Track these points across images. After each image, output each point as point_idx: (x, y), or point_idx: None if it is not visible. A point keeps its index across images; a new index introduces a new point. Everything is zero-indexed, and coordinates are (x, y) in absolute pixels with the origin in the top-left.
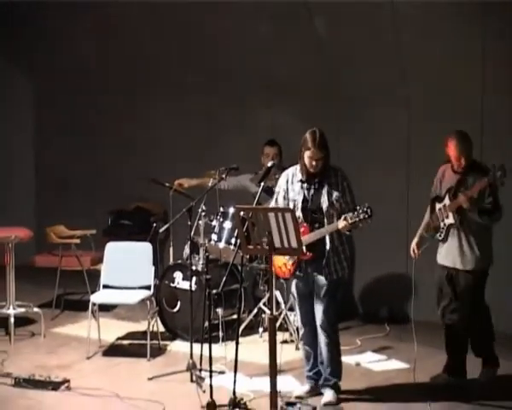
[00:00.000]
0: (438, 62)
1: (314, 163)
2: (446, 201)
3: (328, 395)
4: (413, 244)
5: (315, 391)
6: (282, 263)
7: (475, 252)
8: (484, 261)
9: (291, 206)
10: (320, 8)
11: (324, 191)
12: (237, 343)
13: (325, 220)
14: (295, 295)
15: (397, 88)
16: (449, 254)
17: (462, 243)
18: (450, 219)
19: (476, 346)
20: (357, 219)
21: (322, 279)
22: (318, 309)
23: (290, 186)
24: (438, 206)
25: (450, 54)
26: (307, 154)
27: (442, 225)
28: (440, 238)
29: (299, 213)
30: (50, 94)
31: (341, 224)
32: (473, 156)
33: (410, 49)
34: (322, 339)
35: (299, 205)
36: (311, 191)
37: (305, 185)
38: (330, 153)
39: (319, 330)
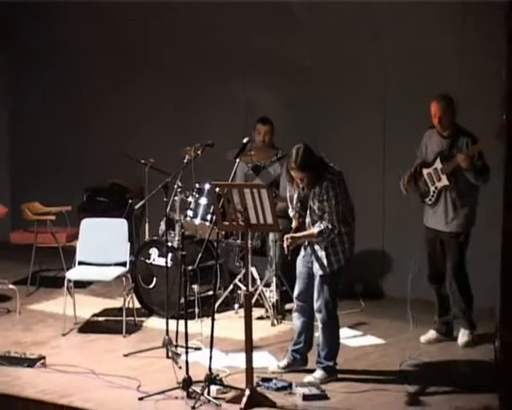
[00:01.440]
0: (415, 50)
1: (298, 181)
2: (438, 164)
3: (315, 375)
4: (405, 180)
5: (292, 367)
6: None
7: (460, 214)
8: (467, 224)
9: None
10: None
11: (310, 198)
12: (213, 320)
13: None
14: (296, 270)
15: (373, 71)
16: (435, 217)
17: (448, 205)
18: (444, 182)
19: (455, 308)
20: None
21: (317, 267)
22: (315, 293)
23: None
24: (426, 171)
25: (428, 42)
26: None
27: (433, 188)
28: (430, 203)
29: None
30: (26, 72)
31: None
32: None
33: (388, 36)
34: (318, 323)
35: (294, 201)
36: (305, 191)
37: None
38: (317, 168)
39: (315, 314)
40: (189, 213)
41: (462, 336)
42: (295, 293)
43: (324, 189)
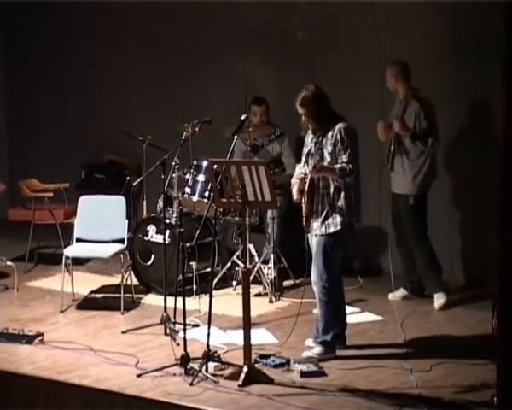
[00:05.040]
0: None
1: (302, 118)
2: (392, 130)
3: (313, 350)
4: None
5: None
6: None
7: (408, 177)
8: (416, 188)
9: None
10: None
11: (323, 145)
12: (211, 296)
13: None
14: (312, 250)
15: (369, 37)
16: (392, 180)
17: (399, 169)
18: (392, 146)
19: (423, 273)
20: (315, 161)
21: (315, 235)
22: (312, 265)
23: (307, 139)
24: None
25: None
26: None
27: (388, 152)
28: (389, 167)
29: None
30: (21, 48)
31: (308, 169)
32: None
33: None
34: (316, 299)
35: (304, 157)
36: (317, 144)
37: (314, 139)
38: (323, 110)
39: (312, 285)
40: (187, 190)
41: (437, 299)
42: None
43: (338, 131)
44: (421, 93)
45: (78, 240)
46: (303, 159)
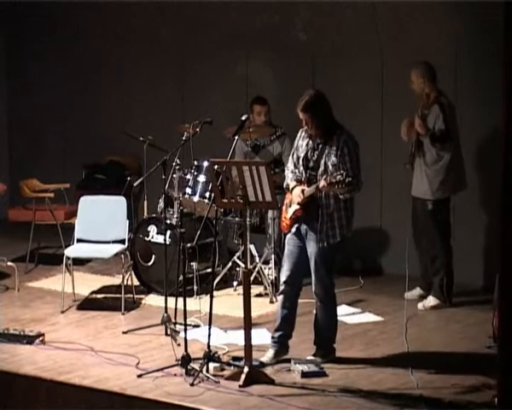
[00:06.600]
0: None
1: (304, 124)
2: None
3: (315, 355)
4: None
5: (280, 356)
6: (283, 217)
7: (425, 182)
8: (432, 193)
9: (296, 162)
10: None
11: (324, 155)
12: (212, 297)
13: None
14: (285, 249)
15: (370, 38)
16: (413, 183)
17: (417, 172)
18: (413, 148)
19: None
20: (333, 180)
21: (312, 245)
22: (312, 275)
23: (300, 142)
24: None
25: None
26: None
27: (410, 153)
28: (408, 168)
29: (301, 170)
30: (23, 47)
31: (321, 183)
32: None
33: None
34: (317, 305)
35: (301, 162)
36: (315, 151)
37: (310, 143)
38: (326, 116)
39: (314, 297)
40: (188, 190)
41: (428, 301)
42: (284, 276)
43: (344, 143)
44: (443, 97)
45: (79, 240)
46: (293, 160)
